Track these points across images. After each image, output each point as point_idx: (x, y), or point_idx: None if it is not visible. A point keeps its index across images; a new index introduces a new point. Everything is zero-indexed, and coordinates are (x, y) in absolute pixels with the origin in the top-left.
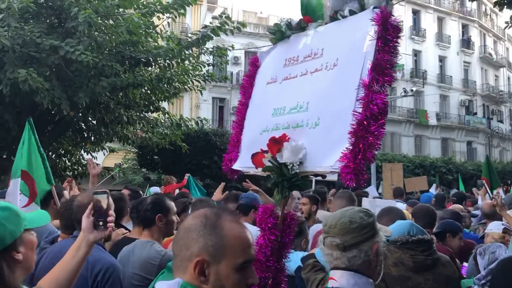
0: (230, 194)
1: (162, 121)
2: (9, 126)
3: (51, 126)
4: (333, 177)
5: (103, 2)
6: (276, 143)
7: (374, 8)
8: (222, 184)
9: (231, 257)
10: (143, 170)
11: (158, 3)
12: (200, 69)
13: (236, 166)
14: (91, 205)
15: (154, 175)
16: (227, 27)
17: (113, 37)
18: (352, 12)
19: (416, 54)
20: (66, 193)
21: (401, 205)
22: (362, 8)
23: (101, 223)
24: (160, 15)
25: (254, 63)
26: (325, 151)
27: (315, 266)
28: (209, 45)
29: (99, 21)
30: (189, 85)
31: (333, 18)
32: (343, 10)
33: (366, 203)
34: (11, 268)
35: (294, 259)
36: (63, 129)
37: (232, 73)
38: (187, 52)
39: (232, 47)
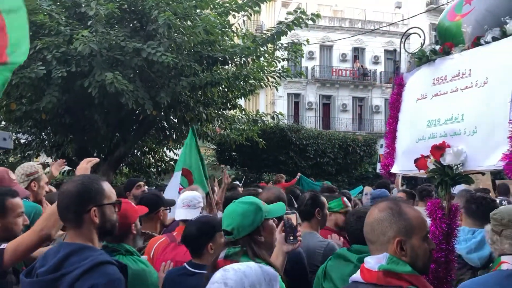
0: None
1: (239, 117)
2: (98, 126)
3: (136, 125)
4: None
5: (181, 4)
6: (438, 149)
7: None
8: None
9: (418, 232)
10: (221, 166)
11: (233, 2)
12: (275, 65)
13: (394, 170)
14: (282, 222)
15: (232, 171)
16: (301, 20)
17: (191, 37)
18: (495, 39)
19: None
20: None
21: None
22: (504, 34)
23: (291, 237)
24: (236, 13)
25: (399, 82)
26: (486, 154)
27: None
28: (284, 40)
29: (177, 23)
30: (264, 81)
31: (476, 43)
32: (485, 36)
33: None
34: (259, 246)
35: None
36: (147, 128)
37: (307, 68)
38: (262, 49)
39: (307, 41)
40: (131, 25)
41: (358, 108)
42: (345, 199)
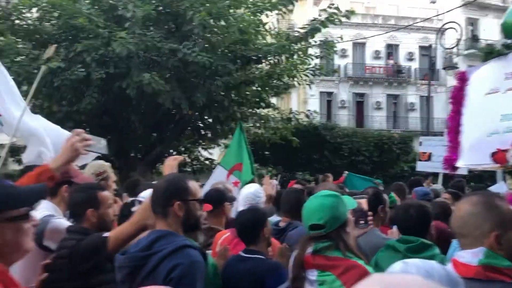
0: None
1: (273, 116)
2: (135, 126)
3: (172, 125)
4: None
5: (216, 4)
6: None
7: None
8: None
9: None
10: (255, 165)
11: (267, 1)
12: (308, 62)
13: (460, 164)
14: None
15: (266, 170)
16: (335, 16)
17: (226, 37)
18: None
19: None
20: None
21: None
22: None
23: (362, 221)
24: (269, 12)
25: (462, 78)
26: None
27: None
28: (316, 38)
29: (212, 23)
30: (297, 79)
31: None
32: None
33: None
34: (347, 239)
35: None
36: (183, 128)
37: (339, 66)
38: (295, 47)
39: (341, 38)
40: (166, 26)
41: (393, 106)
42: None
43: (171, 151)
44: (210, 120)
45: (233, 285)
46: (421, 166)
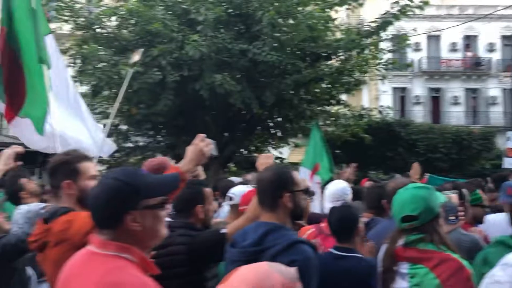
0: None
1: (343, 113)
2: (208, 126)
3: (243, 125)
4: None
5: (284, 3)
6: None
7: None
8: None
9: None
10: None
11: None
12: (379, 57)
13: None
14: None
15: (336, 168)
16: (407, 8)
17: (295, 35)
18: None
19: None
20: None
21: None
22: None
23: (452, 217)
24: (338, 7)
25: None
26: None
27: None
28: (388, 32)
29: (281, 22)
30: (369, 74)
31: None
32: None
33: None
34: (441, 231)
35: None
36: (253, 127)
37: (413, 60)
38: (366, 41)
39: (415, 30)
40: (236, 28)
41: (472, 100)
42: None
43: (242, 150)
44: (280, 119)
45: (331, 283)
46: (509, 163)
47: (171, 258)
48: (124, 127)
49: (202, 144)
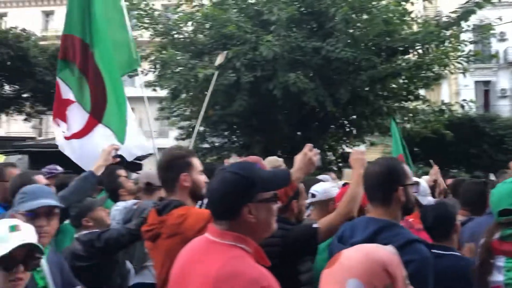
0: None
1: (423, 109)
2: (281, 126)
3: (316, 123)
4: None
5: None
6: None
7: None
8: None
9: None
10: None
11: None
12: (461, 49)
13: None
14: None
15: (414, 167)
16: None
17: (369, 30)
18: None
19: None
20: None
21: None
22: None
23: None
24: (414, 0)
25: None
26: None
27: None
28: (470, 22)
29: (354, 17)
30: (450, 68)
31: None
32: None
33: None
34: None
35: None
36: (327, 125)
37: (498, 51)
38: (446, 33)
39: (500, 19)
40: (308, 26)
41: None
42: None
43: (315, 149)
44: (355, 116)
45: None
46: None
47: (266, 249)
48: (201, 128)
49: (311, 154)
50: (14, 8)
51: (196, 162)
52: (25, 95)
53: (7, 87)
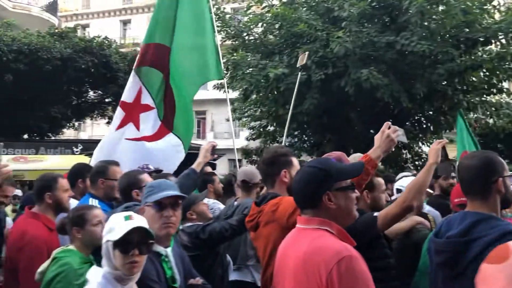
0: None
1: (509, 102)
2: (353, 124)
3: (390, 120)
4: None
5: None
6: None
7: None
8: None
9: None
10: None
11: None
12: None
13: None
14: None
15: None
16: None
17: (446, 21)
18: None
19: None
20: None
21: None
22: None
23: None
24: None
25: None
26: None
27: None
28: None
29: (430, 9)
30: None
31: None
32: None
33: None
34: None
35: None
36: (401, 122)
37: None
38: None
39: None
40: (380, 21)
41: None
42: None
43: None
44: (431, 112)
45: None
46: None
47: None
48: (271, 128)
49: (389, 131)
50: (95, 19)
51: (295, 161)
52: (107, 100)
53: (91, 93)
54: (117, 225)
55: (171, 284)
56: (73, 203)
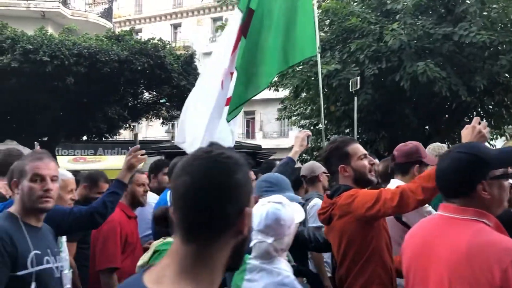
0: None
1: None
2: (408, 120)
3: (446, 115)
4: None
5: None
6: None
7: None
8: None
9: None
10: None
11: None
12: None
13: None
14: None
15: None
16: None
17: (509, 9)
18: None
19: None
20: None
21: None
22: None
23: None
24: None
25: None
26: None
27: None
28: None
29: None
30: None
31: None
32: None
33: None
34: None
35: None
36: (460, 117)
37: None
38: None
39: None
40: (436, 12)
41: None
42: None
43: (447, 143)
44: (491, 106)
45: None
46: None
47: None
48: (321, 126)
49: (480, 126)
50: (147, 23)
51: (354, 149)
52: (162, 101)
53: (146, 94)
54: None
55: None
56: (153, 197)
